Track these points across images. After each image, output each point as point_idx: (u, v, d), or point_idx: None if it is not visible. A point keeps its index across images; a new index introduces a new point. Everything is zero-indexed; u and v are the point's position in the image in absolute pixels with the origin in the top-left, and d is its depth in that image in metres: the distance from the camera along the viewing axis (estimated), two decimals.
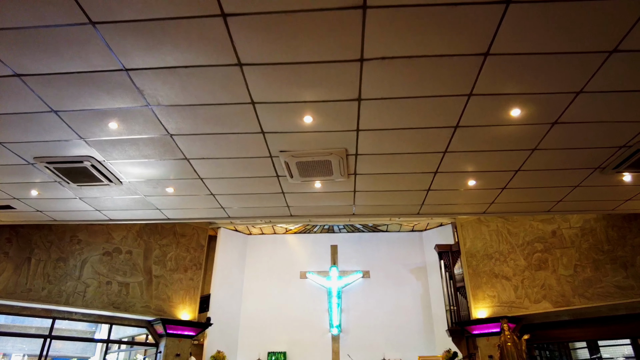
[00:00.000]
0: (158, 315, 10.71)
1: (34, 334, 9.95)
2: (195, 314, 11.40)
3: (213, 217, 8.56)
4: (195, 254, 11.87)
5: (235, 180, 6.98)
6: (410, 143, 5.84)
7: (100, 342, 11.11)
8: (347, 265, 17.49)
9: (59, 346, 15.03)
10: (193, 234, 11.98)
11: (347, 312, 16.70)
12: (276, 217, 8.44)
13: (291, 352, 16.22)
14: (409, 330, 16.11)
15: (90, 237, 10.23)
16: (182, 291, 11.32)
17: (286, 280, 17.36)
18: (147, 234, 11.17)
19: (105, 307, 9.97)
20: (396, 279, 17.02)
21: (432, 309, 16.26)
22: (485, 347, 10.51)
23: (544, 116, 5.25)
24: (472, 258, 11.41)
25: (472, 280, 11.17)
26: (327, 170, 6.46)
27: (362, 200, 7.70)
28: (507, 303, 10.29)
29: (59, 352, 14.36)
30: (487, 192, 7.39)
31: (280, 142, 5.81)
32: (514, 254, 10.47)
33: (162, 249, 11.30)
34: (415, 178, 6.85)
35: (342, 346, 16.16)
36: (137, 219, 8.69)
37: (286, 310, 16.81)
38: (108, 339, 10.67)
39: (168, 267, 11.26)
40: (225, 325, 16.27)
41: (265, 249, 18.00)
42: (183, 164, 6.47)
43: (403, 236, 17.73)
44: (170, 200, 7.82)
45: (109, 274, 10.24)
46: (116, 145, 5.99)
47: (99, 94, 4.90)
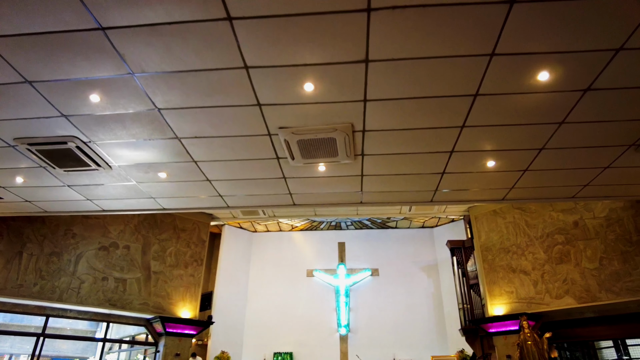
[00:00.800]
0: (157, 313, 10.19)
1: (25, 332, 9.46)
2: (196, 312, 10.86)
3: (211, 207, 8.01)
4: (196, 250, 11.34)
5: (231, 164, 6.42)
6: (423, 116, 5.23)
7: (97, 342, 10.61)
8: (355, 263, 16.89)
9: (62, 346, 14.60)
10: (194, 228, 11.46)
11: (355, 311, 16.08)
12: (278, 205, 7.86)
13: (298, 353, 15.63)
14: (420, 329, 15.46)
15: (85, 231, 9.75)
16: (182, 288, 10.79)
17: (292, 279, 16.80)
18: (146, 228, 10.67)
19: (101, 304, 9.47)
20: (406, 276, 16.37)
21: (444, 308, 15.58)
22: (503, 347, 9.84)
23: (575, 81, 4.61)
24: (487, 252, 10.73)
25: (488, 276, 10.50)
26: (332, 149, 5.87)
27: (371, 186, 7.09)
28: (525, 299, 9.61)
29: (60, 352, 13.90)
30: (506, 175, 6.74)
31: (279, 116, 5.24)
32: (532, 247, 9.78)
33: (161, 244, 10.79)
34: (429, 159, 6.23)
35: (351, 346, 15.53)
36: (131, 209, 8.17)
37: (292, 310, 16.25)
38: (105, 338, 10.17)
39: (167, 263, 10.74)
40: (229, 325, 15.74)
41: (270, 246, 17.46)
42: (174, 145, 5.92)
43: (413, 233, 17.09)
44: (164, 188, 7.28)
45: (105, 269, 9.74)
46: (101, 122, 5.46)
47: (76, 60, 4.37)
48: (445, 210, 11.73)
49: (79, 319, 9.76)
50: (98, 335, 14.11)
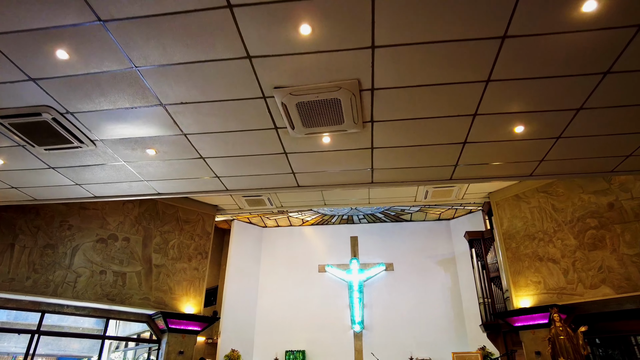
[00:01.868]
0: (158, 308, 9.52)
1: (19, 329, 8.88)
2: (200, 307, 10.17)
3: (209, 190, 7.28)
4: (200, 242, 10.66)
5: (225, 137, 5.67)
6: (442, 68, 4.40)
7: (96, 339, 10.01)
8: (368, 257, 16.03)
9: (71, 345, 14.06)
10: (198, 220, 10.79)
11: (369, 308, 15.21)
12: (282, 188, 7.09)
13: (310, 351, 14.83)
14: (438, 326, 14.51)
15: (82, 222, 9.15)
16: (186, 282, 10.11)
17: (304, 275, 16.03)
18: (147, 219, 10.03)
19: (98, 299, 8.84)
20: (422, 271, 15.45)
21: (463, 303, 14.61)
22: (531, 342, 8.90)
23: (627, 14, 3.75)
24: (510, 240, 9.80)
25: (512, 265, 9.57)
26: (336, 115, 5.08)
27: (382, 162, 6.27)
28: (555, 289, 8.66)
29: (65, 351, 13.35)
30: (536, 144, 5.85)
31: (273, 72, 4.46)
32: (561, 233, 8.82)
33: (163, 236, 10.14)
34: (449, 125, 5.39)
35: (365, 344, 14.66)
36: (124, 194, 7.50)
37: (304, 307, 15.47)
38: (104, 335, 9.55)
39: (170, 256, 10.08)
40: (240, 322, 15.03)
41: (281, 242, 16.72)
42: (159, 113, 5.20)
43: (429, 225, 16.16)
44: (155, 169, 6.57)
45: (103, 262, 9.12)
46: (74, 87, 4.76)
47: (34, 4, 3.69)
48: (463, 197, 10.82)
49: (77, 315, 9.16)
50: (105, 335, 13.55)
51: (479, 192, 10.61)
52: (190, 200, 10.81)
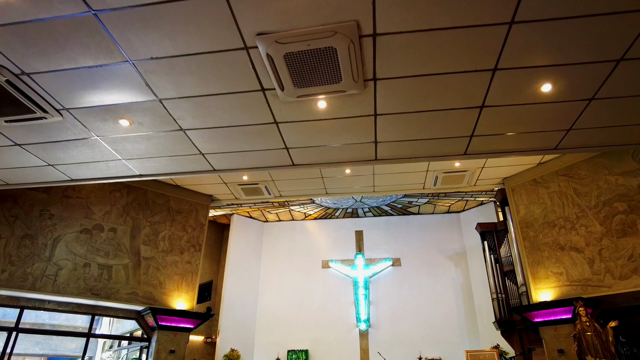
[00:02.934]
0: (147, 303, 8.82)
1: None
2: (193, 303, 9.45)
3: (194, 171, 6.55)
4: (193, 234, 9.95)
5: (206, 103, 4.93)
6: (457, 8, 3.63)
7: (81, 337, 9.33)
8: (374, 252, 15.25)
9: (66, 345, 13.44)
10: (191, 210, 10.08)
11: (376, 305, 14.43)
12: (275, 167, 6.34)
13: (314, 351, 14.07)
14: (449, 324, 13.70)
15: (65, 211, 8.48)
16: (177, 276, 9.40)
17: (307, 271, 15.29)
18: (135, 209, 9.34)
19: (81, 294, 8.16)
20: (431, 266, 14.64)
21: (475, 300, 13.78)
22: (552, 339, 8.07)
23: None
24: (528, 228, 8.97)
25: (530, 255, 8.75)
26: (332, 70, 4.31)
27: (387, 133, 5.49)
28: (579, 281, 7.81)
29: (56, 351, 12.71)
30: (565, 108, 5.04)
31: (256, 13, 3.71)
32: (585, 219, 7.97)
33: (153, 226, 9.44)
34: (464, 84, 4.60)
35: (372, 343, 13.87)
36: (102, 176, 6.79)
37: (307, 304, 14.72)
38: (89, 332, 8.85)
39: (160, 248, 9.38)
40: (240, 321, 14.32)
41: (283, 237, 15.99)
42: (128, 73, 4.46)
43: (438, 219, 15.35)
44: (132, 144, 5.85)
45: (87, 254, 8.44)
46: (26, 40, 4.04)
47: None
48: (476, 183, 10.00)
49: (60, 311, 8.48)
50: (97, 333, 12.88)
51: (493, 177, 9.80)
52: (182, 189, 10.10)
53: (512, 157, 8.21)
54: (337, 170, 9.30)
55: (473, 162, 9.03)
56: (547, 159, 8.97)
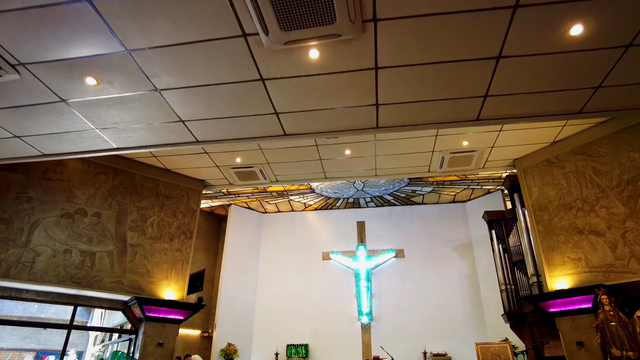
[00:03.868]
0: (133, 293, 8.14)
1: None
2: (183, 293, 8.78)
3: (176, 142, 5.85)
4: (184, 220, 9.26)
5: (181, 53, 4.22)
6: None
7: (62, 329, 8.67)
8: (376, 243, 14.53)
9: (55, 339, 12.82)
10: (182, 195, 9.40)
11: (378, 298, 13.71)
12: (265, 137, 5.63)
13: (314, 345, 13.38)
14: (454, 317, 12.96)
15: (45, 194, 7.82)
16: (167, 264, 8.73)
17: (307, 263, 14.59)
18: (122, 193, 8.66)
19: (61, 282, 7.50)
20: (436, 257, 13.91)
21: (482, 292, 13.05)
22: (570, 331, 7.33)
23: None
24: (542, 211, 8.22)
25: (545, 241, 8.00)
26: (325, 7, 3.58)
27: (390, 92, 4.77)
28: (600, 267, 7.06)
29: (45, 346, 12.06)
30: (595, 58, 4.30)
31: None
32: (605, 200, 7.22)
33: (141, 212, 8.76)
34: (479, 26, 3.87)
35: (374, 337, 13.16)
36: (76, 150, 6.11)
37: (308, 297, 14.03)
38: (70, 324, 8.19)
39: (148, 235, 8.71)
40: (237, 315, 13.65)
41: (282, 228, 15.31)
42: (86, 14, 3.77)
43: (443, 208, 14.60)
44: (104, 111, 5.16)
45: (68, 240, 7.78)
46: None
47: None
48: (485, 165, 9.24)
49: (39, 301, 7.82)
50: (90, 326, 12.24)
51: (503, 158, 9.05)
52: (172, 173, 9.42)
53: (528, 125, 7.52)
54: (336, 151, 8.59)
55: (482, 141, 8.30)
56: (562, 137, 8.22)
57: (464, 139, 8.22)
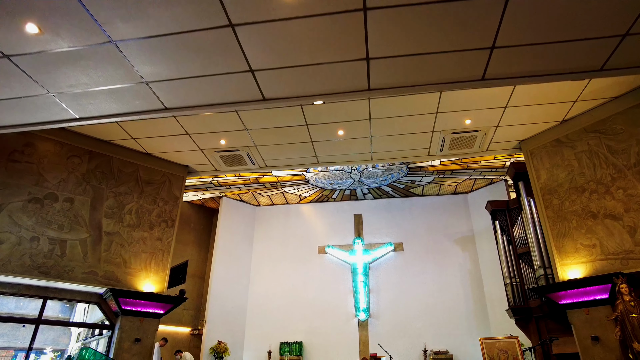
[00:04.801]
0: (108, 284, 7.44)
1: None
2: (163, 285, 8.07)
3: (143, 111, 5.15)
4: (165, 208, 8.56)
5: None
6: None
7: (30, 324, 7.94)
8: (374, 236, 13.82)
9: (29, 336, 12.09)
10: (163, 181, 8.69)
11: (376, 293, 13.00)
12: (242, 102, 4.92)
13: (309, 343, 12.66)
14: (456, 313, 12.24)
15: (10, 177, 7.13)
16: (145, 254, 8.02)
17: (302, 258, 13.89)
18: (98, 178, 7.96)
19: (26, 272, 6.80)
20: (437, 251, 13.19)
21: (485, 286, 12.32)
22: (585, 325, 6.61)
23: None
24: (551, 195, 7.49)
25: (555, 227, 7.27)
26: None
27: (383, 42, 4.05)
28: (617, 254, 6.34)
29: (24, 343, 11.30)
30: None
31: None
32: (622, 180, 6.49)
33: (118, 198, 8.06)
34: None
35: (372, 334, 12.44)
36: (33, 121, 5.41)
37: (302, 293, 13.33)
38: (39, 319, 7.47)
39: (126, 222, 8.00)
40: (229, 311, 12.95)
41: (276, 221, 14.61)
42: None
43: (443, 200, 13.88)
44: (55, 69, 4.45)
45: (35, 227, 7.08)
46: None
47: None
48: (489, 147, 8.51)
49: (2, 293, 7.11)
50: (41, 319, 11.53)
51: (508, 139, 8.33)
52: (153, 158, 8.72)
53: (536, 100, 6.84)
54: (328, 132, 7.89)
55: (486, 119, 7.59)
56: (572, 115, 7.50)
57: (466, 117, 7.51)
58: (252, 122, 7.46)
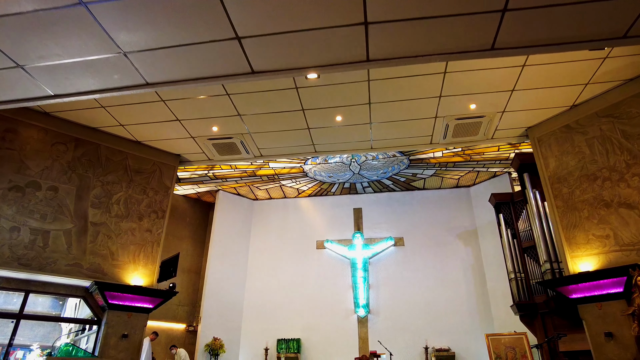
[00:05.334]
0: (94, 277, 7.02)
1: None
2: (153, 278, 7.65)
3: (123, 86, 4.71)
4: (156, 198, 8.13)
5: None
6: None
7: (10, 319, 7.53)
8: (374, 231, 13.40)
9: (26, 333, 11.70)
10: (154, 170, 8.27)
11: (376, 289, 12.59)
12: (229, 76, 4.48)
13: (307, 340, 12.26)
14: (458, 310, 11.82)
15: None
16: (134, 246, 7.60)
17: (300, 252, 13.48)
18: (84, 166, 7.54)
19: (5, 264, 6.37)
20: (438, 246, 12.77)
21: (488, 282, 11.90)
22: (597, 320, 6.18)
23: None
24: (560, 184, 7.04)
25: (565, 217, 6.83)
26: None
27: (383, 6, 3.63)
28: (633, 244, 5.88)
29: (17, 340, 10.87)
30: None
31: None
32: (638, 167, 6.05)
33: (105, 187, 7.63)
34: None
35: (372, 331, 12.02)
36: (4, 99, 4.99)
37: (300, 289, 12.92)
38: (20, 314, 7.06)
39: (114, 213, 7.58)
40: (225, 307, 12.54)
41: (274, 216, 14.19)
42: None
43: (445, 194, 13.46)
44: (21, 37, 4.03)
45: (16, 216, 6.66)
46: None
47: None
48: (494, 135, 8.06)
49: None
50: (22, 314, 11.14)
51: (514, 126, 7.89)
52: (143, 146, 8.30)
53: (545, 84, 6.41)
54: (326, 118, 7.46)
55: (491, 103, 7.16)
56: (583, 99, 7.06)
57: (471, 101, 7.08)
58: (245, 107, 7.04)
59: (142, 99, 6.95)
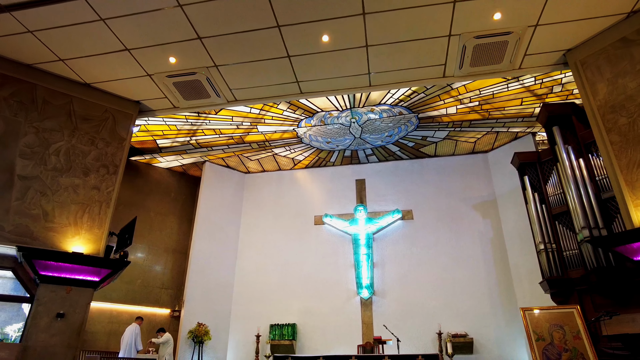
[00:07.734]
0: (19, 242, 5.45)
1: None
2: (99, 245, 6.06)
3: None
4: (106, 150, 6.53)
5: None
6: None
7: None
8: (379, 204, 11.70)
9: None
10: (106, 118, 6.66)
11: (381, 268, 10.91)
12: None
13: (303, 325, 10.66)
14: (476, 290, 10.10)
15: None
16: (76, 206, 6.01)
17: (296, 229, 11.87)
18: (13, 108, 5.96)
19: None
20: (452, 219, 11.03)
21: (510, 258, 10.14)
22: None
23: None
24: (614, 114, 5.24)
25: (624, 154, 5.04)
26: None
27: None
28: None
29: None
30: None
31: None
32: None
33: (41, 135, 6.05)
34: None
35: (376, 314, 10.35)
36: None
37: (297, 269, 11.31)
38: None
39: (51, 165, 5.99)
40: (212, 289, 10.99)
41: (267, 190, 12.58)
42: None
43: (460, 161, 11.69)
44: None
45: None
46: None
47: None
48: (523, 62, 6.22)
49: None
50: None
51: (549, 49, 6.08)
52: (93, 89, 6.70)
53: None
54: (310, 39, 5.76)
55: (520, 13, 5.38)
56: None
57: (495, 8, 5.31)
58: (205, 25, 5.39)
59: (76, 18, 5.35)
